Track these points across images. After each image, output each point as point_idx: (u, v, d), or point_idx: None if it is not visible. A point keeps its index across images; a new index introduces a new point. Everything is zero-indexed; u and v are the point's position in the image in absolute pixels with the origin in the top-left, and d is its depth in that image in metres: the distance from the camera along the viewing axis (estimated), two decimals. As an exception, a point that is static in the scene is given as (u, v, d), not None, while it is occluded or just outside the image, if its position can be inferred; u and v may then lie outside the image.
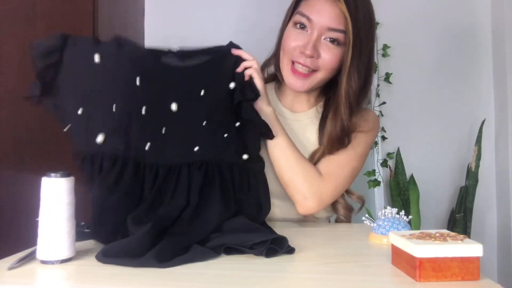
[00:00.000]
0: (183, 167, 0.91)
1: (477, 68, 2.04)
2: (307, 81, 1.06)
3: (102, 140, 0.86)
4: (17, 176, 1.47)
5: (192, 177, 0.90)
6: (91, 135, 0.86)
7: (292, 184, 1.01)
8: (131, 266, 0.67)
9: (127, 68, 0.89)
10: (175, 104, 0.91)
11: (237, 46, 1.01)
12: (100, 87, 0.88)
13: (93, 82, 0.88)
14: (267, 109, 1.02)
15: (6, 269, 0.65)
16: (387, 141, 2.00)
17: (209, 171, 0.91)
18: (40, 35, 1.49)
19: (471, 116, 2.03)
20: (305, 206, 1.01)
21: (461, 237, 0.65)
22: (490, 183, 2.00)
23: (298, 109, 1.16)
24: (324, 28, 1.02)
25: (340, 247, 0.88)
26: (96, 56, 0.87)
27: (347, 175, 1.07)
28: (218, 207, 0.87)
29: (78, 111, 0.86)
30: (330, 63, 1.03)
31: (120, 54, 0.89)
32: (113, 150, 0.86)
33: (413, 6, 2.05)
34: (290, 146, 1.02)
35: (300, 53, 1.03)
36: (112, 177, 0.85)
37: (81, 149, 0.87)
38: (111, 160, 0.85)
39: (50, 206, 0.68)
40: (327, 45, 1.03)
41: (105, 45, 0.90)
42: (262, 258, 0.73)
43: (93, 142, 0.86)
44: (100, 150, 0.86)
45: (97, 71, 0.87)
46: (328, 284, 0.63)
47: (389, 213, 0.87)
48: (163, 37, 2.02)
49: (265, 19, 1.99)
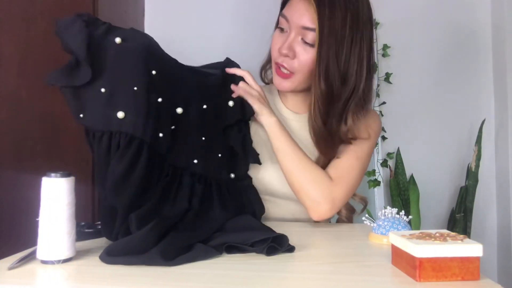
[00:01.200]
0: (185, 174, 0.93)
1: (477, 68, 2.04)
2: (288, 82, 1.06)
3: (123, 116, 0.84)
4: (17, 176, 1.47)
5: (194, 187, 0.93)
6: (112, 111, 0.85)
7: (303, 190, 1.01)
8: (135, 264, 0.67)
9: (145, 55, 0.89)
10: (181, 109, 0.93)
11: (233, 63, 1.06)
12: (122, 67, 0.87)
13: (115, 61, 0.87)
14: (270, 120, 1.03)
15: (6, 269, 0.65)
16: (387, 141, 2.00)
17: (207, 186, 0.95)
18: (40, 35, 1.50)
19: (471, 116, 2.03)
20: (318, 212, 1.00)
21: (461, 237, 0.65)
22: (490, 183, 2.00)
23: (299, 110, 1.16)
24: (299, 27, 1.01)
25: (340, 247, 0.88)
26: (117, 38, 0.87)
27: (356, 177, 1.07)
28: (219, 210, 0.90)
29: (101, 89, 0.85)
30: (306, 64, 1.02)
31: (138, 41, 0.90)
32: (132, 129, 0.85)
33: (413, 6, 2.05)
34: (297, 153, 1.02)
35: (278, 54, 1.05)
36: (129, 156, 0.84)
37: (98, 127, 0.85)
38: (127, 138, 0.84)
39: (50, 206, 0.68)
40: (303, 46, 1.02)
41: (124, 30, 0.91)
42: (262, 258, 0.73)
43: (113, 118, 0.85)
44: (119, 128, 0.85)
45: (118, 51, 0.87)
46: (328, 284, 0.63)
47: (389, 213, 0.87)
48: (163, 37, 2.02)
49: (264, 19, 1.99)
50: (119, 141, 0.84)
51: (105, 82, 0.86)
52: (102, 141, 0.84)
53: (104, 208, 0.83)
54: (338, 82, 0.99)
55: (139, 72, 0.88)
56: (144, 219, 0.79)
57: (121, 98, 0.86)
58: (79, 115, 0.85)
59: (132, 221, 0.79)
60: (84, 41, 0.83)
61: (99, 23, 0.89)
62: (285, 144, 1.02)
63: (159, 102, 0.90)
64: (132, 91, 0.86)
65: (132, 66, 0.88)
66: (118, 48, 0.87)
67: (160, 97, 0.90)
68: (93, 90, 0.85)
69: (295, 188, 1.02)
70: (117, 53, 0.87)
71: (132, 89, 0.86)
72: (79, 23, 0.85)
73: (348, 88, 1.01)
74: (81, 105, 0.85)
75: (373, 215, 1.82)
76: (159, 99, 0.90)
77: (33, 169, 1.44)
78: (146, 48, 0.90)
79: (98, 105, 0.85)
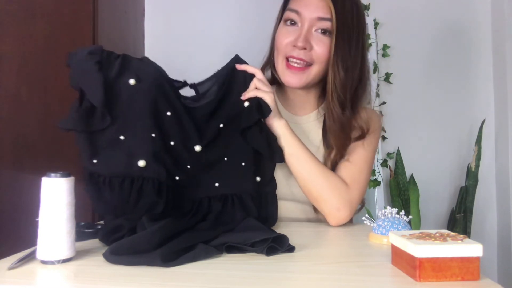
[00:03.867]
0: (204, 200, 0.93)
1: (477, 68, 2.04)
2: (303, 76, 1.05)
3: (144, 164, 0.84)
4: (17, 176, 1.47)
5: (212, 207, 0.92)
6: (133, 159, 0.84)
7: (323, 197, 1.01)
8: (137, 265, 0.67)
9: (159, 96, 0.89)
10: (199, 146, 0.92)
11: (242, 61, 1.03)
12: (138, 111, 0.86)
13: (131, 104, 0.86)
14: (280, 122, 1.02)
15: (6, 269, 0.65)
16: (387, 141, 2.00)
17: (228, 202, 0.93)
18: (40, 35, 1.50)
19: (471, 116, 2.03)
20: (338, 218, 1.01)
21: (461, 237, 0.65)
22: (490, 183, 2.01)
23: (300, 112, 1.16)
24: (314, 19, 1.03)
25: (340, 247, 0.88)
26: (131, 79, 0.86)
27: (367, 177, 1.09)
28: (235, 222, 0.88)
29: (120, 137, 0.84)
30: (323, 54, 1.04)
31: (151, 79, 0.89)
32: (156, 175, 0.84)
33: (412, 6, 2.05)
34: (310, 157, 1.02)
35: (293, 47, 1.04)
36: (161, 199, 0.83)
37: (117, 173, 0.83)
38: (156, 184, 0.84)
39: (50, 206, 0.68)
40: (318, 37, 1.04)
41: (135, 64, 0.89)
42: (262, 258, 0.73)
43: (134, 166, 0.83)
44: (141, 174, 0.84)
45: (133, 94, 0.86)
46: (328, 284, 0.63)
47: (389, 213, 0.87)
48: (163, 37, 2.03)
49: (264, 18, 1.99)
50: (141, 186, 0.83)
51: (123, 129, 0.84)
52: (123, 186, 0.83)
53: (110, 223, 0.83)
54: (352, 69, 1.04)
55: (155, 116, 0.87)
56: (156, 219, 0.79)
57: (141, 147, 0.85)
58: (92, 160, 0.83)
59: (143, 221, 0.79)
60: (100, 87, 0.81)
61: (112, 59, 0.86)
62: (299, 150, 1.02)
63: (172, 145, 0.90)
64: (151, 138, 0.86)
65: (149, 110, 0.87)
66: (133, 91, 0.86)
67: (172, 141, 0.90)
68: (111, 136, 0.84)
69: (313, 195, 1.02)
70: (132, 96, 0.86)
71: (150, 136, 0.86)
72: (93, 65, 0.82)
73: (356, 76, 1.06)
74: (96, 150, 0.83)
75: (373, 215, 1.82)
76: (172, 143, 0.90)
77: (32, 169, 1.45)
78: (159, 87, 0.89)
79: (116, 152, 0.84)
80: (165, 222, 0.76)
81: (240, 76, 1.01)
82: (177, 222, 0.80)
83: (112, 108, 0.84)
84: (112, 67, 0.86)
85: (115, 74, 0.85)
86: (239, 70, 1.01)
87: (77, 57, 0.84)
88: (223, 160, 0.96)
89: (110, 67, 0.86)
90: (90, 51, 0.84)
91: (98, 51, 0.85)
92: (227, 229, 0.84)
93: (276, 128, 1.02)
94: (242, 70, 1.01)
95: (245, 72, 1.01)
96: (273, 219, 0.98)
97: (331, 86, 1.04)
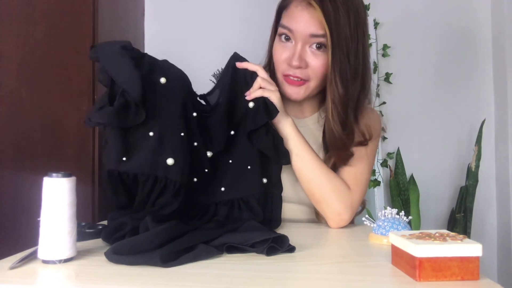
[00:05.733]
0: (211, 205, 0.93)
1: (477, 68, 2.05)
2: (301, 89, 1.04)
3: (172, 162, 0.83)
4: (17, 176, 1.47)
5: (218, 211, 0.92)
6: (161, 157, 0.83)
7: (325, 201, 1.01)
8: (139, 264, 0.67)
9: (187, 98, 0.89)
10: (210, 152, 0.93)
11: (242, 58, 1.02)
12: (169, 109, 0.86)
13: (161, 102, 0.86)
14: (286, 121, 1.02)
15: (8, 268, 0.65)
16: (387, 141, 2.00)
17: (235, 207, 0.93)
18: (40, 35, 1.50)
19: (471, 116, 2.03)
20: (339, 221, 1.02)
21: (461, 237, 0.65)
22: (490, 183, 2.01)
23: (301, 115, 1.15)
24: (306, 36, 1.00)
25: (340, 247, 0.88)
26: (162, 78, 0.86)
27: (367, 181, 1.09)
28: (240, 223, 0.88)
29: (150, 133, 0.84)
30: (320, 69, 1.01)
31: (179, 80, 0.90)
32: (180, 177, 0.84)
33: (413, 6, 2.05)
34: (314, 158, 1.02)
35: (288, 66, 1.02)
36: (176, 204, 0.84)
37: (144, 171, 0.83)
38: (176, 187, 0.84)
39: (51, 206, 0.69)
40: (313, 52, 1.01)
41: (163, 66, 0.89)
42: (262, 258, 0.73)
43: (161, 164, 0.83)
44: (165, 174, 0.83)
45: (164, 92, 0.86)
46: (328, 284, 0.63)
47: (389, 214, 0.87)
48: (163, 37, 2.03)
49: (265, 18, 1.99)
50: (164, 186, 0.83)
51: (152, 125, 0.84)
52: (146, 185, 0.83)
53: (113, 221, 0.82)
54: (352, 82, 1.00)
55: (184, 115, 0.88)
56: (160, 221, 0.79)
57: (170, 144, 0.85)
58: (121, 158, 0.82)
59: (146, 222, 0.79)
60: (140, 83, 0.80)
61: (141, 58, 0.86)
62: (304, 150, 1.01)
63: (195, 146, 0.90)
64: (180, 137, 0.86)
65: (177, 109, 0.87)
66: (164, 89, 0.86)
67: (196, 142, 0.90)
68: (141, 132, 0.84)
69: (316, 197, 1.02)
70: (163, 94, 0.86)
71: (179, 134, 0.86)
72: (129, 62, 0.82)
73: (358, 85, 1.02)
74: (127, 148, 0.83)
75: (373, 215, 1.82)
76: (195, 143, 0.90)
77: (33, 169, 1.45)
78: (187, 88, 0.90)
79: (145, 149, 0.83)
80: (168, 224, 0.76)
81: (241, 74, 1.00)
82: (181, 225, 0.80)
83: (144, 105, 0.83)
84: (142, 65, 0.86)
85: (146, 72, 0.85)
86: (239, 69, 1.00)
87: (107, 51, 0.83)
88: (228, 163, 0.96)
89: (140, 64, 0.86)
90: (123, 46, 0.83)
91: (130, 47, 0.85)
92: (230, 229, 0.84)
93: (283, 128, 1.01)
94: (243, 68, 1.00)
95: (246, 70, 1.00)
96: (276, 221, 0.98)
97: (331, 105, 1.00)
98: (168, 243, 0.72)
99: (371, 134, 1.07)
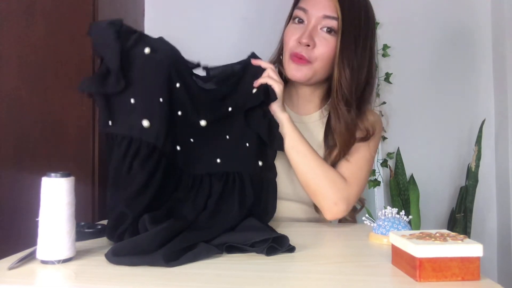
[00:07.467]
0: (205, 177, 0.93)
1: (477, 68, 2.04)
2: (305, 68, 1.06)
3: (148, 125, 0.87)
4: (17, 176, 1.47)
5: (213, 187, 0.93)
6: (138, 119, 0.87)
7: (320, 191, 1.02)
8: (139, 265, 0.67)
9: (171, 68, 0.92)
10: (204, 121, 0.95)
11: (258, 57, 1.06)
12: (149, 77, 0.90)
13: (143, 71, 0.90)
14: (283, 114, 1.03)
15: (6, 269, 0.65)
16: (387, 141, 2.00)
17: (229, 181, 0.94)
18: (40, 35, 1.50)
19: (471, 116, 2.03)
20: (334, 212, 1.02)
21: (461, 237, 0.65)
22: (490, 183, 2.00)
23: (304, 112, 1.16)
24: (320, 17, 1.05)
25: (340, 247, 0.88)
26: (146, 48, 0.90)
27: (366, 175, 1.09)
28: (234, 213, 0.89)
29: (131, 100, 0.88)
30: (326, 53, 1.05)
31: (165, 52, 0.93)
32: (155, 139, 0.87)
33: (413, 6, 2.05)
34: (309, 151, 1.03)
35: (298, 44, 1.06)
36: (150, 166, 0.85)
37: (122, 132, 0.86)
38: (149, 148, 0.86)
39: (50, 206, 0.68)
40: (323, 35, 1.05)
41: (152, 39, 0.93)
42: (262, 258, 0.73)
43: (137, 126, 0.86)
44: (140, 135, 0.86)
45: (147, 62, 0.90)
46: (328, 284, 0.63)
47: (389, 213, 0.87)
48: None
49: (265, 18, 1.99)
50: (137, 148, 0.85)
51: (134, 92, 0.88)
52: (121, 145, 0.85)
53: (113, 212, 0.82)
54: (358, 69, 1.05)
55: (164, 84, 0.91)
56: (158, 220, 0.79)
57: (147, 108, 0.88)
58: (107, 122, 0.87)
59: (145, 221, 0.79)
60: (117, 53, 0.85)
61: (130, 32, 0.90)
62: (299, 143, 1.02)
63: (179, 115, 0.93)
64: (158, 102, 0.89)
65: (159, 77, 0.90)
66: (147, 59, 0.90)
67: (180, 111, 0.93)
68: (123, 99, 0.88)
69: (311, 189, 1.03)
70: (145, 63, 0.90)
71: (158, 100, 0.89)
72: (112, 34, 0.87)
73: (363, 77, 1.06)
74: (111, 113, 0.87)
75: (373, 215, 1.82)
76: (179, 113, 0.93)
77: (33, 169, 1.45)
78: (172, 61, 0.93)
79: (126, 113, 0.87)
80: (167, 224, 0.76)
81: (252, 70, 1.03)
82: (179, 224, 0.80)
83: (126, 74, 0.88)
84: (129, 38, 0.90)
85: (131, 43, 0.89)
86: (251, 66, 1.03)
87: (98, 27, 0.89)
88: (225, 138, 0.98)
89: (128, 37, 0.90)
90: (111, 21, 0.89)
91: (119, 22, 0.89)
92: (227, 229, 0.84)
93: (279, 119, 1.03)
94: (257, 65, 1.03)
95: (258, 67, 1.03)
96: (272, 210, 0.99)
97: (336, 84, 1.05)
98: (168, 242, 0.72)
99: (374, 130, 1.09)
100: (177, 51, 0.96)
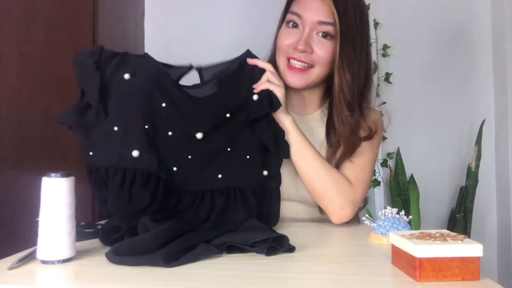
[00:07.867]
0: (206, 192, 0.93)
1: (477, 68, 2.04)
2: (303, 76, 1.06)
3: (138, 155, 0.87)
4: (17, 176, 1.47)
5: (215, 201, 0.92)
6: (127, 150, 0.87)
7: (327, 195, 1.02)
8: (140, 265, 0.67)
9: (154, 89, 0.92)
10: (201, 134, 0.94)
11: (253, 56, 1.04)
12: (132, 104, 0.90)
13: (125, 98, 0.90)
14: (287, 118, 1.03)
15: (7, 269, 0.65)
16: (387, 141, 2.00)
17: (231, 197, 0.93)
18: (40, 35, 1.50)
19: (471, 116, 2.03)
20: (341, 216, 1.02)
21: (461, 237, 0.65)
22: (490, 183, 2.00)
23: (303, 112, 1.16)
24: (315, 22, 1.03)
25: (340, 247, 0.88)
26: (126, 74, 0.90)
27: (369, 176, 1.10)
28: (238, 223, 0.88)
29: (114, 128, 0.88)
30: (324, 57, 1.04)
31: (146, 73, 0.92)
32: (148, 166, 0.87)
33: (413, 6, 2.05)
34: (315, 155, 1.02)
35: (294, 50, 1.05)
36: (147, 193, 0.86)
37: (111, 165, 0.87)
38: (144, 176, 0.86)
39: (50, 206, 0.68)
40: (319, 40, 1.04)
41: (134, 60, 0.93)
42: (262, 258, 0.73)
43: (128, 156, 0.86)
44: (133, 165, 0.87)
45: (128, 88, 0.90)
46: (328, 284, 0.63)
47: (389, 213, 0.87)
48: (163, 37, 2.03)
49: (265, 18, 1.99)
50: (133, 178, 0.86)
51: (117, 120, 0.88)
52: (116, 178, 0.86)
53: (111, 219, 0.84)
54: (357, 71, 1.05)
55: (148, 109, 0.90)
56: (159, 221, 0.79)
57: (135, 137, 0.88)
58: (88, 153, 0.87)
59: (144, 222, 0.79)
60: (96, 87, 0.86)
61: (111, 57, 0.90)
62: (305, 147, 1.02)
63: (170, 135, 0.92)
64: (144, 129, 0.89)
65: (142, 103, 0.90)
66: (127, 85, 0.90)
67: (170, 131, 0.92)
68: (105, 128, 0.88)
69: (318, 193, 1.03)
70: (126, 89, 0.90)
71: (143, 127, 0.89)
72: (90, 65, 0.87)
73: (362, 78, 1.06)
74: (92, 143, 0.87)
75: (373, 215, 1.82)
76: (170, 133, 0.92)
77: (33, 169, 1.45)
78: (155, 80, 0.92)
79: (111, 143, 0.87)
80: (169, 225, 0.76)
81: (248, 69, 1.02)
82: (181, 225, 0.80)
83: (107, 102, 0.88)
84: (110, 64, 0.90)
85: (112, 70, 0.89)
86: (247, 64, 1.02)
87: (79, 56, 0.89)
88: (226, 150, 0.96)
89: (108, 64, 0.90)
90: (91, 51, 0.89)
91: (98, 51, 0.89)
92: (229, 230, 0.84)
93: (283, 123, 1.02)
94: (253, 64, 1.02)
95: (255, 66, 1.02)
96: (275, 217, 0.98)
97: (338, 89, 1.04)
98: (169, 243, 0.72)
99: (377, 127, 1.09)
100: (161, 66, 0.95)
